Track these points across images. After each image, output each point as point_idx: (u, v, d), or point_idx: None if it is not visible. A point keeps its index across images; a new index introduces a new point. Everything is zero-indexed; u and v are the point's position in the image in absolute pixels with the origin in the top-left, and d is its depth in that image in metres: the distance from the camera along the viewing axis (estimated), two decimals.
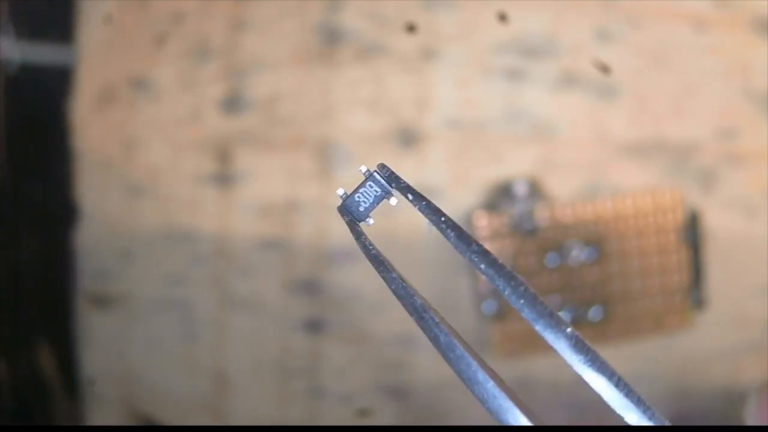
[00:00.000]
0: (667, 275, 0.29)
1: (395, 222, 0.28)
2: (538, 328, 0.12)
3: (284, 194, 0.29)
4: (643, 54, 0.29)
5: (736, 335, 0.30)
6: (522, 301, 0.12)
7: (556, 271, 0.29)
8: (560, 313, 0.29)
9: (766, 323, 0.30)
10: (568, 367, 0.12)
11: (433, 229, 0.13)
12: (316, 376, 0.30)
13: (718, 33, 0.30)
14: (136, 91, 0.31)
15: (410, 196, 0.14)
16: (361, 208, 0.14)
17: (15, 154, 0.32)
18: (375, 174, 0.14)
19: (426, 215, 0.13)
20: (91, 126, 0.31)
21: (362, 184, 0.14)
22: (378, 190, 0.14)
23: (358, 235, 0.14)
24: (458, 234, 0.13)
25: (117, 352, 0.31)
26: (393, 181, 0.14)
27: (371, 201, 0.14)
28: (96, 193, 0.31)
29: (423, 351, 0.29)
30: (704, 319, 0.30)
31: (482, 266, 0.13)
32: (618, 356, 0.30)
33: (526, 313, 0.12)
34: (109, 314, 0.31)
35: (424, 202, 0.13)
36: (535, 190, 0.29)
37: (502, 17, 0.29)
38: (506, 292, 0.12)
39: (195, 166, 0.30)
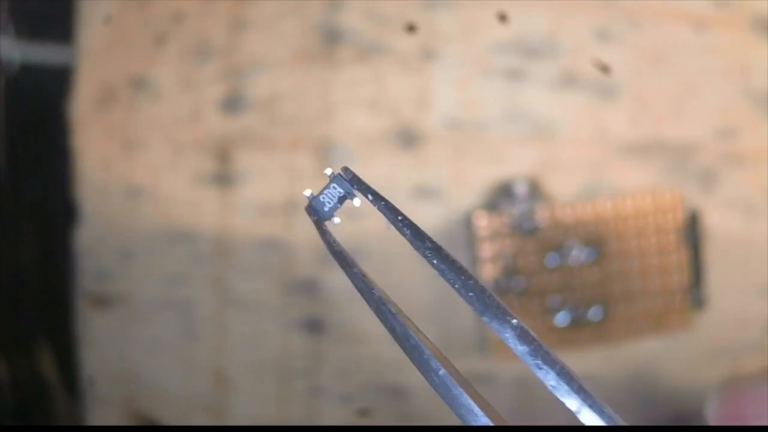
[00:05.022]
0: (667, 275, 0.29)
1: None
2: (485, 319, 0.13)
3: (284, 194, 0.29)
4: (643, 54, 0.29)
5: (736, 335, 0.30)
6: (471, 294, 0.13)
7: (556, 271, 0.29)
8: (560, 313, 0.29)
9: (766, 323, 0.30)
10: (517, 357, 0.12)
11: (392, 227, 0.14)
12: (316, 376, 0.30)
13: (718, 33, 0.30)
14: (136, 91, 0.31)
15: (370, 197, 0.15)
16: (326, 208, 0.15)
17: (15, 154, 0.32)
18: (339, 176, 0.15)
19: (384, 214, 0.14)
20: (91, 126, 0.31)
21: (327, 186, 0.15)
22: (341, 191, 0.15)
23: (324, 233, 0.15)
24: (413, 231, 0.14)
25: (117, 352, 0.31)
26: (356, 182, 0.15)
27: (335, 201, 0.15)
28: (96, 193, 0.31)
29: None
30: (704, 319, 0.30)
31: (435, 261, 0.13)
32: (618, 356, 0.30)
33: (476, 306, 0.13)
34: (109, 314, 0.31)
35: (383, 202, 0.14)
36: (535, 190, 0.29)
37: (502, 17, 0.29)
38: (457, 286, 0.13)
39: (195, 166, 0.30)
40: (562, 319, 0.29)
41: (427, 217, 0.29)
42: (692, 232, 0.29)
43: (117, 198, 0.31)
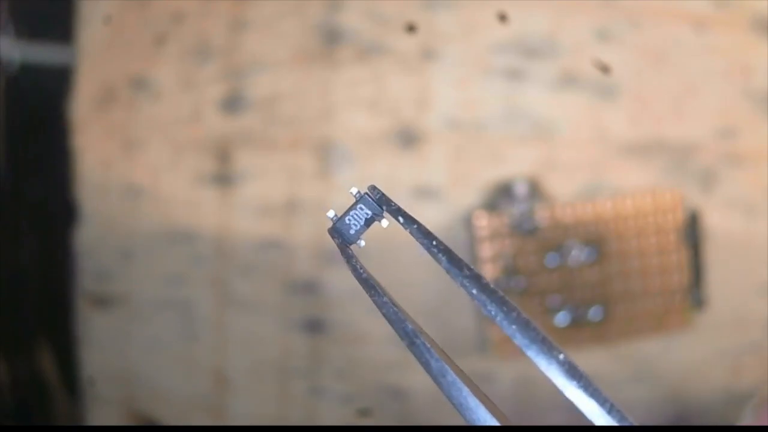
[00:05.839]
0: (667, 275, 0.29)
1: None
2: (531, 354, 0.12)
3: (284, 194, 0.29)
4: (643, 54, 0.29)
5: (736, 335, 0.30)
6: (514, 327, 0.12)
7: (556, 271, 0.29)
8: (560, 313, 0.29)
9: (766, 323, 0.30)
10: (560, 393, 0.12)
11: (425, 252, 0.13)
12: (316, 376, 0.30)
13: (718, 33, 0.30)
14: (136, 91, 0.31)
15: (401, 219, 0.13)
16: (352, 231, 0.14)
17: (15, 154, 0.32)
18: (366, 196, 0.14)
19: (417, 239, 0.13)
20: (91, 126, 0.31)
21: (353, 207, 0.14)
22: (369, 212, 0.14)
23: (349, 258, 0.14)
24: (450, 258, 0.13)
25: (117, 352, 0.31)
26: (384, 203, 0.14)
27: (362, 224, 0.14)
28: (96, 193, 0.31)
29: None
30: (704, 319, 0.30)
31: (474, 291, 0.13)
32: (618, 356, 0.30)
33: (519, 339, 0.12)
34: (109, 314, 0.31)
35: (415, 225, 0.13)
36: (535, 190, 0.29)
37: (502, 17, 0.29)
38: (498, 318, 0.12)
39: (195, 166, 0.30)
40: (562, 319, 0.29)
41: (427, 217, 0.29)
42: (692, 232, 0.29)
43: (117, 198, 0.31)
